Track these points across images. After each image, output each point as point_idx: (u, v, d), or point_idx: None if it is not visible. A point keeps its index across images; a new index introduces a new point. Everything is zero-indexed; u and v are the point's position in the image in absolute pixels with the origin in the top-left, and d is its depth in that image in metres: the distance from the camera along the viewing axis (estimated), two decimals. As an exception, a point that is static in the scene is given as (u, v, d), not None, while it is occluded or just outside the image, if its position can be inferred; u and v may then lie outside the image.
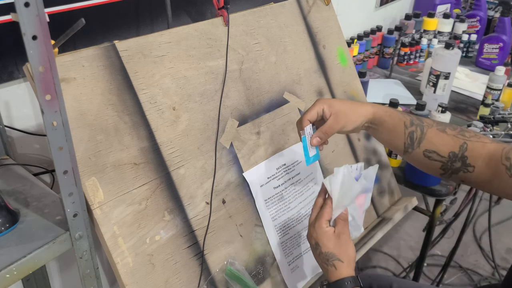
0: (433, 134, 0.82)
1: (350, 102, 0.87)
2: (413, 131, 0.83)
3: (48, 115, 0.60)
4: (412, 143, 0.83)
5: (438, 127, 0.83)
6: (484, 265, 2.06)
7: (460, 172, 0.81)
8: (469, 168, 0.80)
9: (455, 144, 0.81)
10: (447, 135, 0.82)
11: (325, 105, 0.85)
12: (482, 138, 0.81)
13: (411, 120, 0.84)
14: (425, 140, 0.82)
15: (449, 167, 0.81)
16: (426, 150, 0.82)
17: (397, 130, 0.84)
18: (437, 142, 0.82)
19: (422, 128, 0.83)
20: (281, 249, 1.01)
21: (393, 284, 1.11)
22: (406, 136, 0.83)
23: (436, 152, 0.82)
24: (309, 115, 0.85)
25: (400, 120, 0.84)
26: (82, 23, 0.60)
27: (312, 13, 1.18)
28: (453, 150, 0.81)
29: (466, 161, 0.80)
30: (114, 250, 0.76)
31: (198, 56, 0.93)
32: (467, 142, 0.80)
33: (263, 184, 0.99)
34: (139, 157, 0.82)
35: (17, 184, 0.85)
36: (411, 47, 2.06)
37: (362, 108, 0.85)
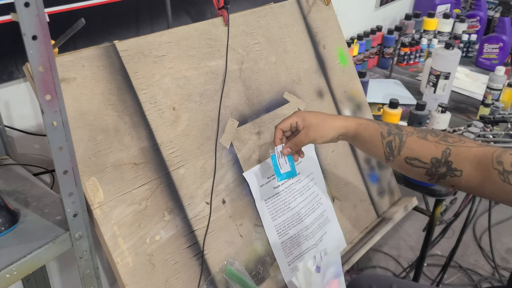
0: (413, 141, 0.84)
1: (324, 116, 0.90)
2: (391, 140, 0.85)
3: (48, 115, 0.60)
4: (391, 152, 0.85)
5: (419, 135, 0.85)
6: (484, 265, 2.06)
7: (447, 177, 0.81)
8: (456, 172, 0.80)
9: (437, 150, 0.82)
10: (428, 141, 0.83)
11: (299, 118, 0.89)
12: (467, 142, 0.82)
13: (388, 130, 0.86)
14: (405, 148, 0.84)
15: (434, 173, 0.82)
16: (407, 157, 0.84)
17: (374, 141, 0.86)
18: (417, 149, 0.83)
19: (400, 136, 0.85)
20: (281, 249, 1.01)
21: (393, 285, 1.11)
22: (384, 146, 0.85)
23: (418, 159, 0.83)
24: (282, 125, 0.90)
25: (376, 131, 0.86)
26: (82, 23, 0.60)
27: (312, 13, 1.18)
28: (435, 156, 0.81)
29: (452, 165, 0.80)
30: (114, 250, 0.76)
31: (198, 56, 0.93)
32: (450, 147, 0.81)
33: (263, 184, 0.99)
34: (139, 157, 0.82)
35: (17, 184, 0.85)
36: (411, 47, 2.06)
37: (334, 122, 0.88)
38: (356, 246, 1.15)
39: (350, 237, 1.16)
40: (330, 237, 1.10)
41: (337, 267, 0.91)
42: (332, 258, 0.90)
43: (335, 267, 0.91)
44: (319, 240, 1.07)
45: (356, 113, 1.25)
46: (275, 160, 0.91)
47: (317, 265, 0.89)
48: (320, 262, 0.89)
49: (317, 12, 1.19)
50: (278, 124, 0.91)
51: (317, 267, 0.89)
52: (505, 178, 0.74)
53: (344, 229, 1.14)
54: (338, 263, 0.92)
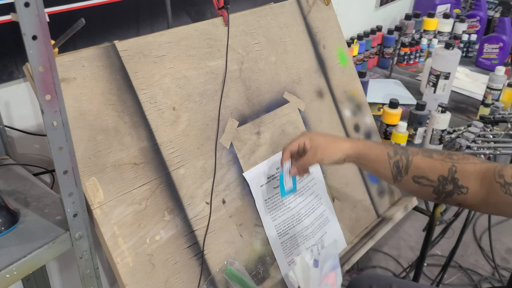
0: (419, 160, 0.85)
1: (331, 138, 0.92)
2: (398, 160, 0.86)
3: (48, 115, 0.60)
4: (399, 171, 0.86)
5: (424, 154, 0.86)
6: (484, 265, 2.06)
7: (454, 195, 0.82)
8: (463, 189, 0.81)
9: (443, 168, 0.83)
10: (434, 159, 0.84)
11: (306, 139, 0.91)
12: (471, 159, 0.83)
13: (394, 150, 0.87)
14: (412, 167, 0.85)
15: (442, 191, 0.83)
16: (414, 176, 0.85)
17: (381, 161, 0.87)
18: (424, 167, 0.84)
19: (407, 156, 0.86)
20: (281, 249, 1.01)
21: (393, 285, 1.11)
22: (391, 165, 0.86)
23: (425, 177, 0.84)
24: (291, 146, 0.92)
25: (383, 151, 0.87)
26: (82, 23, 0.60)
27: (312, 13, 1.18)
28: (442, 174, 0.82)
29: (458, 182, 0.81)
30: (114, 250, 0.76)
31: (198, 56, 0.93)
32: (456, 165, 0.82)
33: (263, 184, 0.99)
34: (139, 157, 0.82)
35: (17, 184, 0.85)
36: (411, 47, 2.06)
37: (341, 144, 0.90)
38: (356, 246, 1.15)
39: (350, 237, 1.16)
40: (330, 237, 1.10)
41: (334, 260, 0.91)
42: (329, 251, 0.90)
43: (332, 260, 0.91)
44: (319, 240, 1.08)
45: (356, 113, 1.24)
46: (282, 178, 0.94)
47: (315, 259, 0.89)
48: (318, 256, 0.89)
49: (317, 12, 1.19)
50: (286, 145, 0.93)
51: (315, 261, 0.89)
52: (507, 190, 0.76)
53: (344, 229, 1.14)
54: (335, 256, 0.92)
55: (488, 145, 1.29)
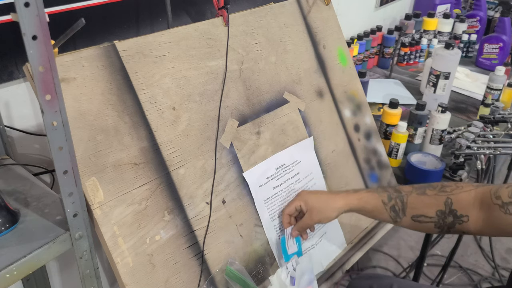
0: (414, 200, 0.87)
1: (325, 197, 0.94)
2: (394, 205, 0.88)
3: (48, 115, 0.60)
4: (397, 215, 0.88)
5: (418, 192, 0.88)
6: (484, 265, 2.06)
7: (456, 225, 0.83)
8: (463, 218, 0.82)
9: (439, 203, 0.84)
10: (429, 196, 0.86)
11: (302, 202, 0.94)
12: (465, 187, 0.84)
13: (388, 196, 0.89)
14: (409, 208, 0.87)
15: (443, 224, 0.84)
16: (413, 216, 0.87)
17: (378, 210, 0.90)
18: (420, 206, 0.86)
19: (401, 198, 0.88)
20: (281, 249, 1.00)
21: (393, 284, 1.11)
22: (389, 211, 0.89)
23: (423, 215, 0.86)
24: (287, 210, 0.95)
25: (377, 200, 0.90)
26: (82, 23, 0.60)
27: (312, 13, 1.18)
28: (439, 209, 0.84)
29: (457, 213, 0.82)
30: (114, 250, 0.76)
31: (198, 56, 0.93)
32: (451, 197, 0.83)
33: (263, 184, 0.99)
34: (139, 157, 0.82)
35: (17, 184, 0.85)
36: (411, 47, 2.06)
37: (335, 203, 0.92)
38: (356, 246, 1.15)
39: (350, 237, 1.16)
40: (330, 237, 1.10)
41: (310, 274, 0.94)
42: (304, 266, 0.92)
43: (308, 274, 0.93)
44: (319, 240, 1.07)
45: (356, 113, 1.25)
46: (284, 243, 0.95)
47: (291, 275, 0.91)
48: (293, 272, 0.90)
49: (317, 12, 1.19)
50: (284, 209, 0.97)
51: (291, 278, 0.91)
52: (506, 210, 0.76)
53: (344, 229, 1.14)
54: (310, 269, 0.94)
55: (488, 145, 1.29)
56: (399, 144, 1.32)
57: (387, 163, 1.30)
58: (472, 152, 1.28)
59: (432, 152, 1.35)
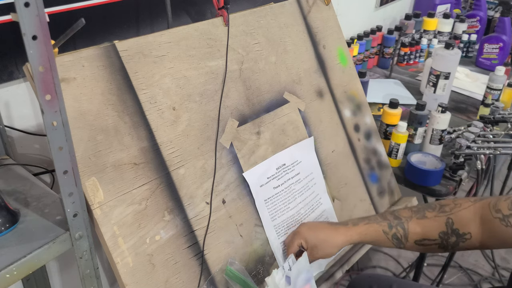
0: (414, 225, 0.87)
1: (324, 234, 0.93)
2: (395, 233, 0.88)
3: (48, 115, 0.60)
4: (400, 242, 0.88)
5: (417, 216, 0.87)
6: (484, 265, 2.06)
7: (460, 244, 0.83)
8: (466, 236, 0.82)
9: (440, 224, 0.84)
10: (428, 219, 0.86)
11: (302, 240, 0.94)
12: (463, 204, 0.84)
13: (389, 224, 0.89)
14: (410, 234, 0.87)
15: (446, 244, 0.84)
16: (416, 241, 0.87)
17: (380, 240, 0.90)
18: (421, 231, 0.86)
19: (402, 225, 0.88)
20: (281, 249, 1.00)
21: (393, 285, 1.11)
22: (391, 239, 0.89)
23: (426, 238, 0.86)
24: (292, 250, 0.94)
25: (378, 231, 0.89)
26: (82, 23, 0.60)
27: (312, 13, 1.18)
28: (441, 230, 0.84)
29: (459, 232, 0.82)
30: (114, 250, 0.76)
31: (198, 56, 0.93)
32: (451, 217, 0.83)
33: (263, 184, 0.99)
34: (139, 157, 0.82)
35: (17, 184, 0.85)
36: (411, 47, 2.06)
37: (335, 240, 0.91)
38: (356, 246, 1.15)
39: (350, 237, 1.16)
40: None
41: (307, 273, 0.93)
42: (301, 265, 0.92)
43: (305, 273, 0.92)
44: (319, 240, 1.08)
45: (356, 113, 1.25)
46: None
47: (286, 275, 0.90)
48: (289, 272, 0.90)
49: (317, 12, 1.19)
50: (288, 249, 0.96)
51: (287, 278, 0.90)
52: (507, 223, 0.76)
53: (344, 229, 1.14)
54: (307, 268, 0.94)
55: (488, 145, 1.29)
56: (399, 144, 1.32)
57: (387, 163, 1.30)
58: (472, 152, 1.28)
59: (432, 152, 1.35)
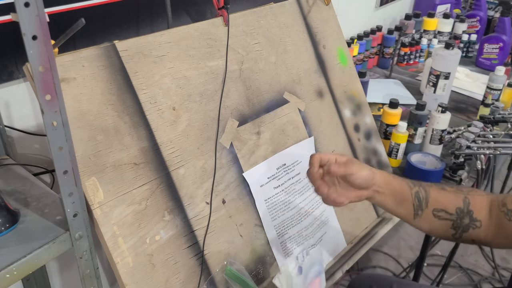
0: (436, 192, 0.82)
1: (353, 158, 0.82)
2: (418, 191, 0.82)
3: (48, 115, 0.60)
4: (420, 204, 0.82)
5: (437, 186, 0.84)
6: (484, 265, 2.06)
7: (469, 229, 0.81)
8: (477, 223, 0.81)
9: (458, 200, 0.82)
10: (448, 192, 0.83)
11: (336, 155, 0.82)
12: (478, 191, 0.83)
13: (412, 181, 0.83)
14: (431, 199, 0.82)
15: (459, 225, 0.81)
16: (434, 209, 0.82)
17: (404, 191, 0.82)
18: (442, 199, 0.82)
19: (424, 188, 0.83)
20: (281, 249, 1.00)
21: (393, 285, 1.11)
22: (413, 197, 0.82)
23: (444, 210, 0.82)
24: (322, 155, 0.81)
25: (403, 182, 0.83)
26: (82, 23, 0.60)
27: (312, 13, 1.18)
28: (459, 206, 0.81)
29: (473, 215, 0.81)
30: (114, 250, 0.76)
31: (198, 56, 0.93)
32: (468, 196, 0.82)
33: (263, 184, 0.99)
34: (139, 157, 0.82)
35: (17, 184, 0.85)
36: (411, 47, 2.06)
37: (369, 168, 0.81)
38: (356, 246, 1.15)
39: (350, 237, 1.16)
40: (330, 237, 1.10)
41: (319, 266, 0.92)
42: (314, 257, 0.91)
43: (317, 266, 0.91)
44: (318, 240, 1.07)
45: (356, 113, 1.25)
46: None
47: (299, 265, 0.90)
48: (302, 263, 0.90)
49: (317, 12, 1.19)
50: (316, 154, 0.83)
51: (299, 268, 0.90)
52: (510, 217, 0.76)
53: (344, 229, 1.14)
54: (320, 261, 0.93)
55: (488, 145, 1.29)
56: (399, 144, 1.31)
57: (387, 163, 1.30)
58: (472, 152, 1.28)
59: (432, 152, 1.35)
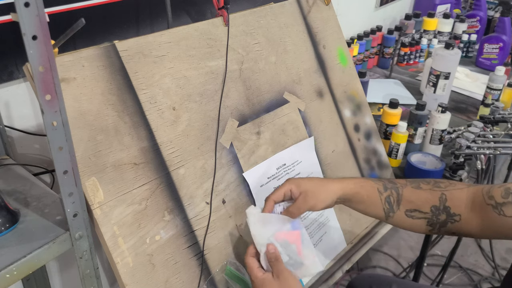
0: (409, 193, 0.83)
1: (318, 180, 0.85)
2: (389, 195, 0.84)
3: (48, 115, 0.60)
4: (391, 207, 0.83)
5: (412, 185, 0.84)
6: (484, 265, 2.06)
7: (448, 224, 0.80)
8: (455, 217, 0.80)
9: (433, 198, 0.81)
10: (423, 190, 0.83)
11: (293, 185, 0.83)
12: (457, 185, 0.82)
13: (384, 185, 0.85)
14: (404, 201, 0.83)
15: (435, 221, 0.81)
16: (407, 210, 0.83)
17: (372, 198, 0.84)
18: (415, 199, 0.82)
19: (397, 189, 0.84)
20: (281, 249, 1.00)
21: (393, 285, 1.11)
22: (383, 202, 0.83)
23: (418, 210, 0.82)
24: (275, 195, 0.83)
25: (373, 188, 0.84)
26: (82, 23, 0.60)
27: (312, 13, 1.18)
28: (434, 204, 0.81)
29: (450, 211, 0.80)
30: (114, 250, 0.76)
31: (198, 56, 0.93)
32: (445, 193, 0.81)
33: (263, 184, 0.99)
34: (139, 157, 0.82)
35: (17, 184, 0.85)
36: (411, 47, 2.06)
37: (331, 186, 0.83)
38: (356, 246, 1.15)
39: (350, 237, 1.16)
40: (330, 237, 1.10)
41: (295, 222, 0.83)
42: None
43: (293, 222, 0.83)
44: (318, 240, 1.07)
45: (356, 113, 1.25)
46: None
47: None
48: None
49: (317, 12, 1.19)
50: (269, 195, 0.83)
51: None
52: (500, 211, 0.74)
53: (344, 229, 1.14)
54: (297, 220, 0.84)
55: (488, 145, 1.29)
56: (399, 144, 1.32)
57: (387, 163, 1.30)
58: (472, 152, 1.28)
59: (432, 152, 1.35)
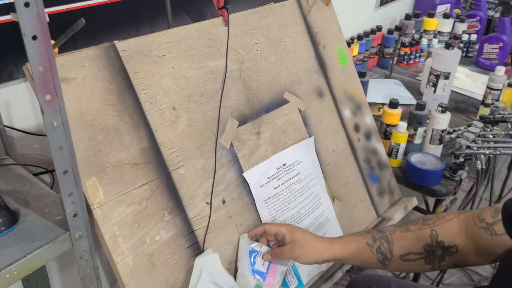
0: (398, 238, 0.85)
1: (311, 236, 0.90)
2: (379, 246, 0.86)
3: (48, 115, 0.60)
4: (384, 256, 0.85)
5: (401, 229, 0.86)
6: (484, 265, 2.06)
7: (446, 258, 0.81)
8: (451, 249, 0.80)
9: (424, 236, 0.82)
10: (412, 232, 0.84)
11: (288, 231, 0.89)
12: (447, 216, 0.82)
13: (372, 237, 0.87)
14: (395, 247, 0.85)
15: (433, 258, 0.82)
16: (401, 255, 0.84)
17: (364, 253, 0.86)
18: (406, 243, 0.84)
19: (386, 238, 0.86)
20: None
21: (393, 285, 1.11)
22: (375, 253, 0.86)
23: (411, 252, 0.83)
24: (269, 227, 0.91)
25: (362, 243, 0.86)
26: (82, 23, 0.60)
27: (312, 13, 1.18)
28: (426, 243, 0.82)
29: (444, 244, 0.80)
30: (114, 250, 0.76)
31: (198, 56, 0.93)
32: (434, 228, 0.82)
33: (263, 184, 0.99)
34: (139, 157, 0.82)
35: (17, 184, 0.85)
36: (411, 47, 2.06)
37: (320, 246, 0.88)
38: (356, 246, 1.15)
39: (350, 237, 1.16)
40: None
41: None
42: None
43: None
44: (319, 240, 1.07)
45: (356, 113, 1.25)
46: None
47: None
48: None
49: (317, 12, 1.19)
50: (266, 224, 0.92)
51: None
52: (491, 231, 0.74)
53: (344, 229, 1.14)
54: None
55: (488, 145, 1.29)
56: (399, 144, 1.32)
57: (387, 163, 1.30)
58: (472, 152, 1.28)
59: (432, 152, 1.35)
